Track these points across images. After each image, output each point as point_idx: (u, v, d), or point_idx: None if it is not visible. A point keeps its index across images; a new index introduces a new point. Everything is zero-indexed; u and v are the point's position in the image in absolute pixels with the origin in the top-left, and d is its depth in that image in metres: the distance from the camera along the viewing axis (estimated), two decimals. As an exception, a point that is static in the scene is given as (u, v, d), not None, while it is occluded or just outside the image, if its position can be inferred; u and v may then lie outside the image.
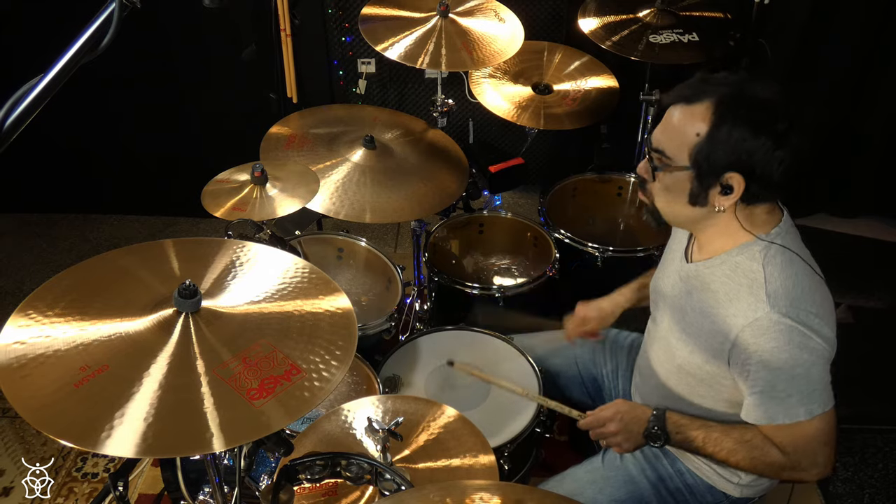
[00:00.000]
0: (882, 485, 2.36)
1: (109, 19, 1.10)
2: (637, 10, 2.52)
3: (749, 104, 1.47)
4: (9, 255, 3.25)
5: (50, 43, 1.28)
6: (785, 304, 1.48)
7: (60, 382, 1.07)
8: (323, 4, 3.03)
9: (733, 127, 1.45)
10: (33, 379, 1.07)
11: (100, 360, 1.10)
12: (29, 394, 1.06)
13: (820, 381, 1.51)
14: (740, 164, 1.46)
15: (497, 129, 3.23)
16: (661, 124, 1.57)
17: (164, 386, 1.08)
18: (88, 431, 1.01)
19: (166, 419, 1.04)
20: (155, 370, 1.10)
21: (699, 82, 1.52)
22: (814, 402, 1.50)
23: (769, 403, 1.52)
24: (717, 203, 1.52)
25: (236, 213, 1.84)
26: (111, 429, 1.02)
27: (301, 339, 1.20)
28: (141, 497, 2.29)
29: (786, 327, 1.47)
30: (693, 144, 1.49)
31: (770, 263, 1.52)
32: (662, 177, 1.56)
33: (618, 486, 1.81)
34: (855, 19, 2.91)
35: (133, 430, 1.02)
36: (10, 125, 1.06)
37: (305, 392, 1.12)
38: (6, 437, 2.50)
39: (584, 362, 2.10)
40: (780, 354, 1.48)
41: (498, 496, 0.98)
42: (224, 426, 1.05)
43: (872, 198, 3.31)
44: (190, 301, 1.17)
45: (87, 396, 1.06)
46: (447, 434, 1.66)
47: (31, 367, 1.09)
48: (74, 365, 1.09)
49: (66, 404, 1.05)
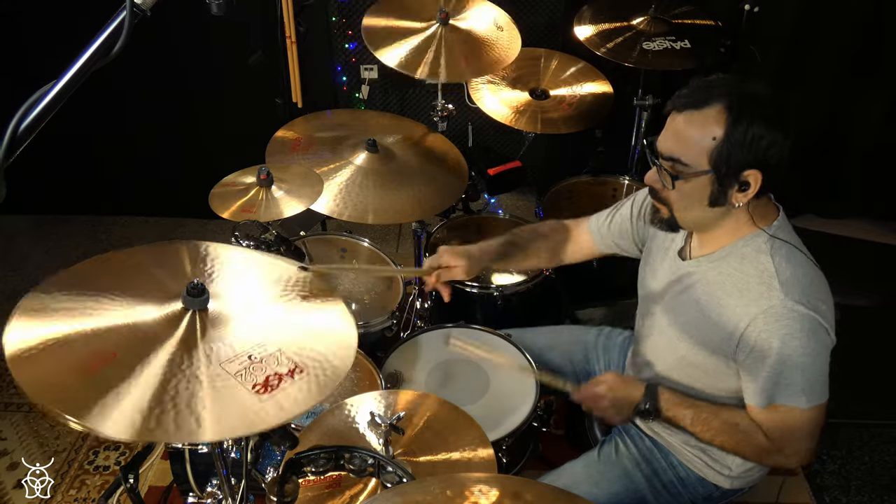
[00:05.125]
0: (868, 477, 2.39)
1: (121, 26, 1.11)
2: (631, 18, 2.54)
3: (759, 101, 1.47)
4: (24, 255, 3.27)
5: (61, 47, 1.30)
6: (798, 292, 1.49)
7: (69, 366, 1.08)
8: (327, 12, 3.06)
9: (750, 125, 1.45)
10: (43, 362, 1.08)
11: (109, 347, 1.11)
12: (37, 375, 1.07)
13: (822, 371, 1.52)
14: (758, 160, 1.47)
15: (495, 133, 3.25)
16: (669, 133, 1.54)
17: (166, 375, 1.09)
18: (90, 410, 1.02)
19: (165, 406, 1.05)
20: (159, 360, 1.10)
21: (702, 87, 1.51)
22: (814, 393, 1.52)
23: (774, 389, 1.53)
24: (736, 200, 1.52)
25: (243, 214, 1.86)
26: (113, 410, 1.03)
27: (305, 340, 1.21)
28: (151, 489, 2.31)
29: (799, 314, 1.48)
30: (711, 148, 1.48)
31: (777, 254, 1.53)
32: (682, 184, 1.54)
33: (613, 479, 1.82)
34: (842, 25, 2.93)
35: (133, 413, 1.03)
36: (24, 129, 1.08)
37: (308, 389, 1.12)
38: (20, 430, 2.52)
39: (577, 360, 2.11)
40: (792, 341, 1.49)
41: (496, 488, 0.98)
42: (222, 418, 1.06)
43: (860, 199, 3.33)
44: (198, 299, 1.18)
45: (95, 380, 1.07)
46: (447, 428, 1.67)
47: (41, 349, 1.09)
48: (86, 351, 1.10)
49: (72, 386, 1.06)
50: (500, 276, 2.46)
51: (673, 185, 1.55)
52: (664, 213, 1.62)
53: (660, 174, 1.56)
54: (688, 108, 1.51)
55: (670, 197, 1.58)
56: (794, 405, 1.52)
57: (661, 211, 1.63)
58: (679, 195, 1.56)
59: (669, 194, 1.58)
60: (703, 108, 1.49)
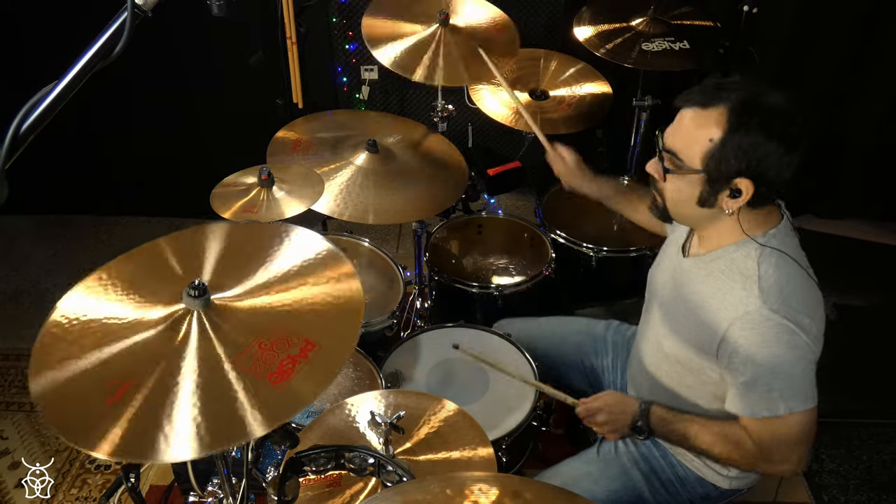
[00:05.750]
0: (866, 476, 2.40)
1: (122, 27, 1.11)
2: (630, 19, 2.53)
3: (764, 110, 1.46)
4: (26, 255, 3.28)
5: (62, 48, 1.30)
6: (776, 300, 1.49)
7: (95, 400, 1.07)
8: (327, 13, 3.06)
9: (747, 133, 1.44)
10: (68, 400, 1.07)
11: (125, 375, 1.09)
12: (69, 416, 1.06)
13: (802, 378, 1.51)
14: (751, 169, 1.46)
15: (495, 133, 3.25)
16: (675, 126, 1.56)
17: (198, 385, 1.08)
18: (145, 445, 1.01)
19: (211, 416, 1.05)
20: (186, 372, 1.09)
21: (714, 88, 1.50)
22: (795, 399, 1.51)
23: (751, 396, 1.54)
24: (726, 206, 1.52)
25: (244, 214, 1.86)
26: (165, 437, 1.02)
27: (310, 315, 1.18)
28: (152, 488, 2.32)
29: (775, 323, 1.48)
30: (706, 150, 1.48)
31: (765, 262, 1.53)
32: (673, 178, 1.56)
33: (612, 477, 1.84)
34: (841, 26, 2.93)
35: (184, 432, 1.03)
36: (26, 130, 1.08)
37: (324, 364, 1.12)
38: (22, 430, 2.53)
39: (585, 351, 2.13)
40: (766, 349, 1.49)
41: (496, 487, 0.98)
42: (262, 408, 1.05)
43: (859, 200, 3.33)
44: (201, 299, 1.15)
45: (126, 411, 1.05)
46: (447, 427, 1.68)
47: (64, 388, 1.08)
48: (104, 381, 1.09)
49: (108, 421, 1.04)
50: (500, 277, 2.47)
51: (664, 177, 1.58)
52: (659, 202, 1.65)
53: (659, 164, 1.59)
54: (695, 106, 1.52)
55: (665, 188, 1.61)
56: (773, 412, 1.52)
57: (657, 199, 1.66)
58: (671, 189, 1.59)
59: (664, 185, 1.60)
60: (709, 108, 1.49)
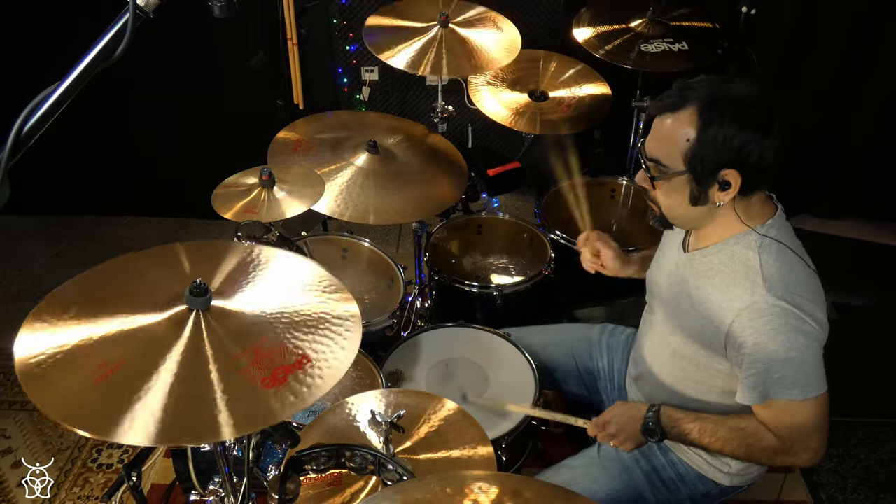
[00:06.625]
0: (864, 475, 2.40)
1: (124, 28, 1.12)
2: (629, 21, 2.54)
3: (730, 103, 1.50)
4: (28, 255, 3.28)
5: (63, 49, 1.30)
6: (780, 288, 1.51)
7: (80, 379, 1.09)
8: (328, 14, 3.06)
9: (720, 126, 1.48)
10: (54, 377, 1.09)
11: (117, 356, 1.11)
12: (50, 391, 1.07)
13: (814, 364, 1.54)
14: (733, 159, 1.50)
15: (495, 134, 3.26)
16: (652, 135, 1.60)
17: (178, 378, 1.09)
18: (107, 423, 1.03)
19: (181, 409, 1.06)
20: (169, 363, 1.11)
21: (680, 90, 1.55)
22: (808, 385, 1.53)
23: (764, 385, 1.55)
24: (717, 199, 1.55)
25: (245, 214, 1.87)
26: (130, 419, 1.03)
27: (309, 330, 1.21)
28: (153, 487, 2.32)
29: (781, 310, 1.50)
30: (685, 149, 1.53)
31: (765, 252, 1.55)
32: (661, 184, 1.60)
33: (612, 476, 1.84)
34: (839, 26, 2.93)
35: (150, 419, 1.04)
36: (27, 131, 1.09)
37: (317, 378, 1.13)
38: (24, 429, 2.53)
39: (580, 356, 2.13)
40: (776, 337, 1.50)
41: (496, 486, 0.98)
42: (237, 414, 1.06)
43: (857, 200, 3.33)
44: (201, 299, 1.18)
45: (107, 390, 1.07)
46: (447, 426, 1.68)
47: (51, 365, 1.10)
48: (93, 362, 1.10)
49: (86, 399, 1.06)
50: (500, 277, 2.47)
51: (653, 185, 1.62)
52: (656, 211, 1.68)
53: (646, 174, 1.62)
54: (666, 111, 1.56)
55: (658, 196, 1.64)
56: (789, 398, 1.54)
57: (653, 209, 1.69)
58: (663, 195, 1.63)
59: (656, 194, 1.64)
60: (678, 111, 1.54)
